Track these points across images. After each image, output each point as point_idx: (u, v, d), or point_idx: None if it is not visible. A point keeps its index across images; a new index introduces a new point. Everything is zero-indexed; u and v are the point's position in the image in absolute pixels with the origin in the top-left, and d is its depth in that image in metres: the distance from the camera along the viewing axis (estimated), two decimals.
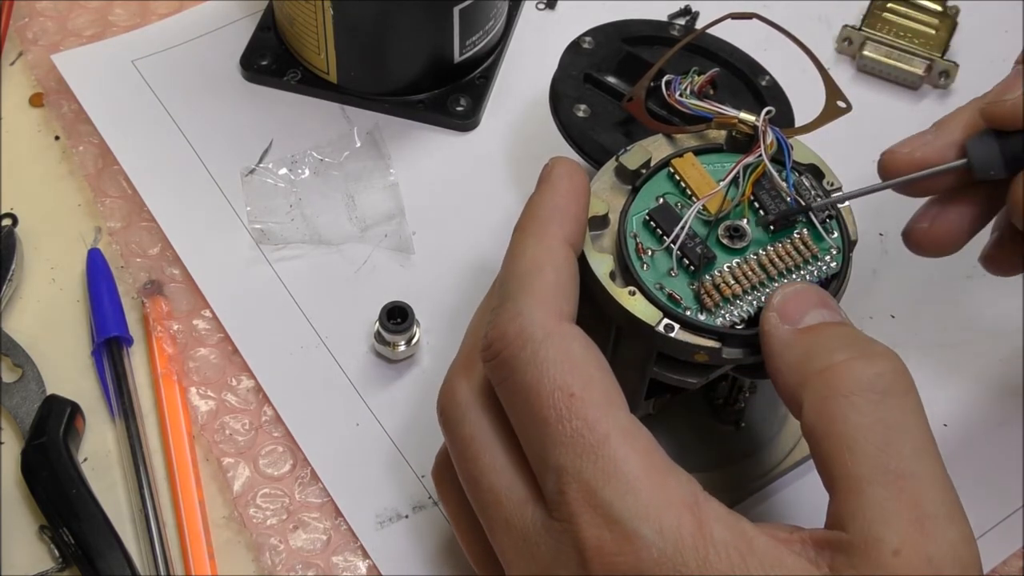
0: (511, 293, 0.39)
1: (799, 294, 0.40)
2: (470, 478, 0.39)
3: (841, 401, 0.36)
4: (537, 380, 0.37)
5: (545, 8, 0.65)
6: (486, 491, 0.39)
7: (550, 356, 0.37)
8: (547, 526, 0.36)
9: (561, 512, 0.36)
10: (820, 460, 0.36)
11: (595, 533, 0.35)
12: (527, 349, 0.37)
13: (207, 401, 0.52)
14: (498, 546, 0.39)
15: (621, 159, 0.44)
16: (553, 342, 0.37)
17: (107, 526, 0.48)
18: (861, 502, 0.35)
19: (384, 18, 0.57)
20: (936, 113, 0.61)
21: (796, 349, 0.39)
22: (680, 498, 0.35)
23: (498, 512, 0.38)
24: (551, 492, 0.36)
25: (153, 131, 0.59)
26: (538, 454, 0.37)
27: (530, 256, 0.40)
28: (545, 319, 0.38)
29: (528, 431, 0.37)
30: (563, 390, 0.36)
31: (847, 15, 0.64)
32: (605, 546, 0.35)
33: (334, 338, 0.54)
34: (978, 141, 0.44)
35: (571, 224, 0.41)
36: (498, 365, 0.38)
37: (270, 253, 0.56)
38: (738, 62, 0.54)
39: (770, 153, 0.44)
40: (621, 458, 0.35)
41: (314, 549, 0.49)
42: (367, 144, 0.58)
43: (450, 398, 0.41)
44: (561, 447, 0.36)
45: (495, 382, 0.39)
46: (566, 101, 0.53)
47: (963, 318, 0.55)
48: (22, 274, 0.55)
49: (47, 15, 0.63)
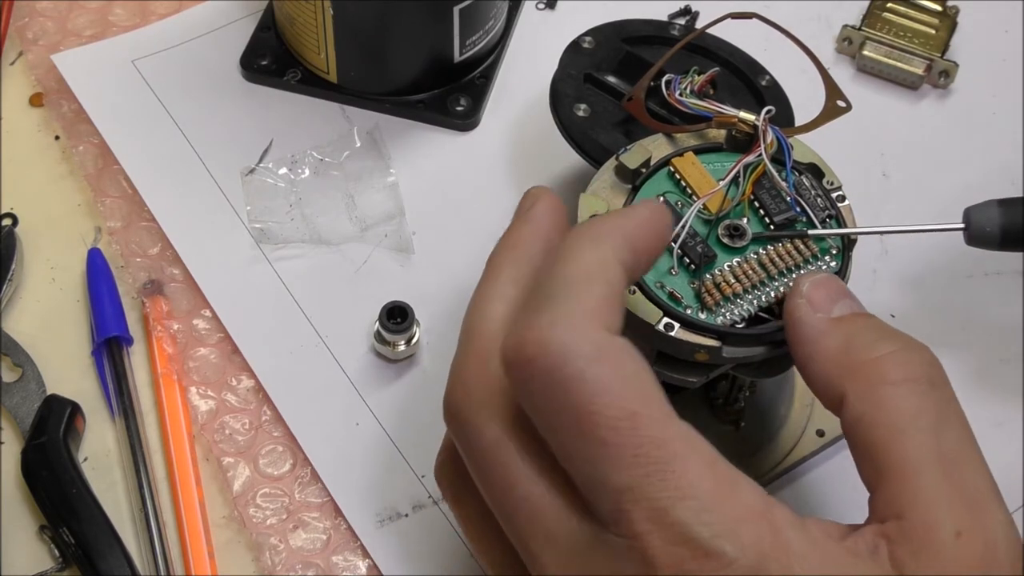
0: (555, 296, 0.36)
1: (827, 283, 0.40)
2: (498, 486, 0.36)
3: (891, 390, 0.36)
4: (589, 400, 0.34)
5: (545, 8, 0.65)
6: (520, 500, 0.36)
7: (603, 374, 0.34)
8: (602, 540, 0.34)
9: (625, 529, 0.33)
10: (868, 449, 0.36)
11: (671, 551, 0.33)
12: (573, 365, 0.34)
13: (207, 401, 0.52)
14: (536, 559, 0.36)
15: (621, 158, 0.44)
16: (606, 358, 0.34)
17: (107, 526, 0.48)
18: (919, 487, 0.34)
19: (384, 18, 0.57)
20: (936, 113, 0.62)
21: (835, 338, 0.38)
22: (754, 508, 0.34)
23: (537, 524, 0.35)
24: (608, 511, 0.34)
25: (153, 131, 0.59)
26: (590, 474, 0.34)
27: (585, 263, 0.36)
28: (595, 332, 0.35)
29: (576, 451, 0.34)
30: (623, 409, 0.34)
31: (847, 15, 0.64)
32: (683, 564, 0.33)
33: (334, 338, 0.54)
34: (980, 208, 0.44)
35: (630, 251, 0.37)
36: (533, 376, 0.35)
37: (270, 253, 0.56)
38: (738, 62, 0.54)
39: (770, 152, 0.44)
40: (692, 474, 0.33)
41: (314, 549, 0.49)
42: (367, 144, 0.58)
43: (465, 397, 0.37)
44: (624, 468, 0.33)
45: (524, 391, 0.35)
46: (566, 101, 0.53)
47: (963, 318, 0.55)
48: (22, 274, 0.55)
49: (47, 15, 0.63)
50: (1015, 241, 0.44)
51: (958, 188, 0.59)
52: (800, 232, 0.43)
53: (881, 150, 0.61)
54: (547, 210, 0.40)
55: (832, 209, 0.44)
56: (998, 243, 0.44)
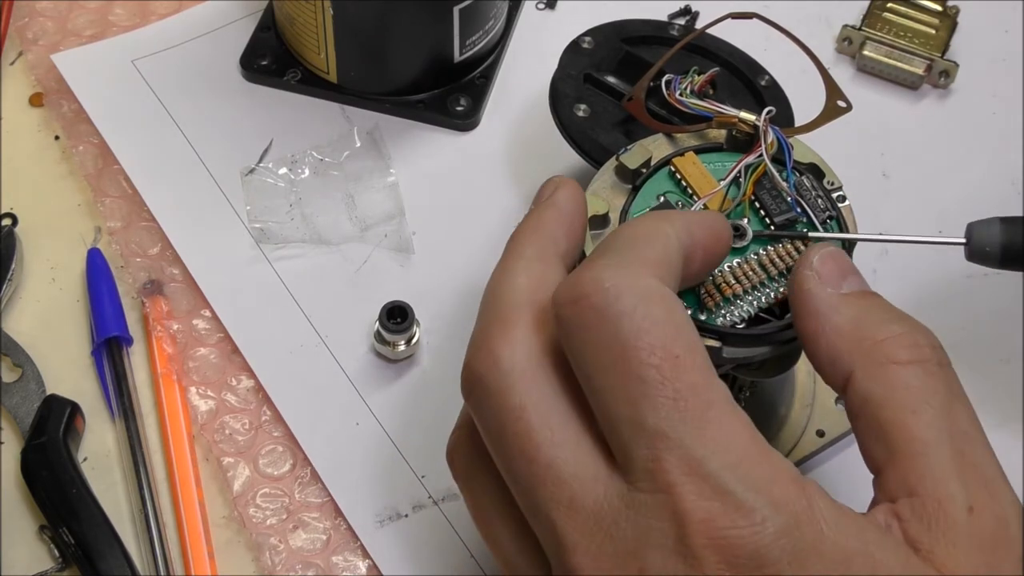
0: (614, 248, 0.36)
1: (837, 256, 0.39)
2: (521, 454, 0.35)
3: (901, 370, 0.36)
4: (635, 335, 0.34)
5: (545, 8, 0.65)
6: (543, 468, 0.35)
7: (653, 313, 0.34)
8: (630, 501, 0.33)
9: (654, 482, 0.33)
10: (877, 428, 0.36)
11: (702, 505, 0.32)
12: (625, 300, 0.34)
13: (207, 401, 0.52)
14: (556, 529, 0.35)
15: (622, 158, 0.44)
16: (657, 301, 0.34)
17: (107, 526, 0.48)
18: (931, 464, 0.34)
19: (384, 18, 0.57)
20: (936, 113, 0.62)
21: (845, 315, 0.37)
22: (787, 473, 0.34)
23: (559, 491, 0.34)
24: (642, 459, 0.33)
25: (153, 131, 0.59)
26: (628, 417, 0.33)
27: (646, 227, 0.37)
28: (648, 278, 0.35)
29: (616, 390, 0.34)
30: (667, 350, 0.33)
31: (847, 15, 0.64)
32: (715, 519, 0.32)
33: (334, 338, 0.54)
34: (982, 225, 0.44)
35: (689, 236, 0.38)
36: (583, 311, 0.34)
37: (270, 252, 0.56)
38: (738, 62, 0.54)
39: (771, 153, 0.44)
40: (728, 429, 0.33)
41: (314, 549, 0.49)
42: (367, 144, 0.58)
43: (492, 365, 0.36)
44: (662, 410, 0.33)
45: (570, 331, 0.35)
46: (566, 101, 0.53)
47: (963, 318, 0.55)
48: (22, 274, 0.55)
49: (47, 15, 0.63)
50: (1015, 260, 0.44)
51: (958, 188, 0.59)
52: (800, 234, 0.43)
53: (881, 150, 0.61)
54: (570, 196, 0.41)
55: (833, 210, 0.44)
56: (998, 261, 0.44)
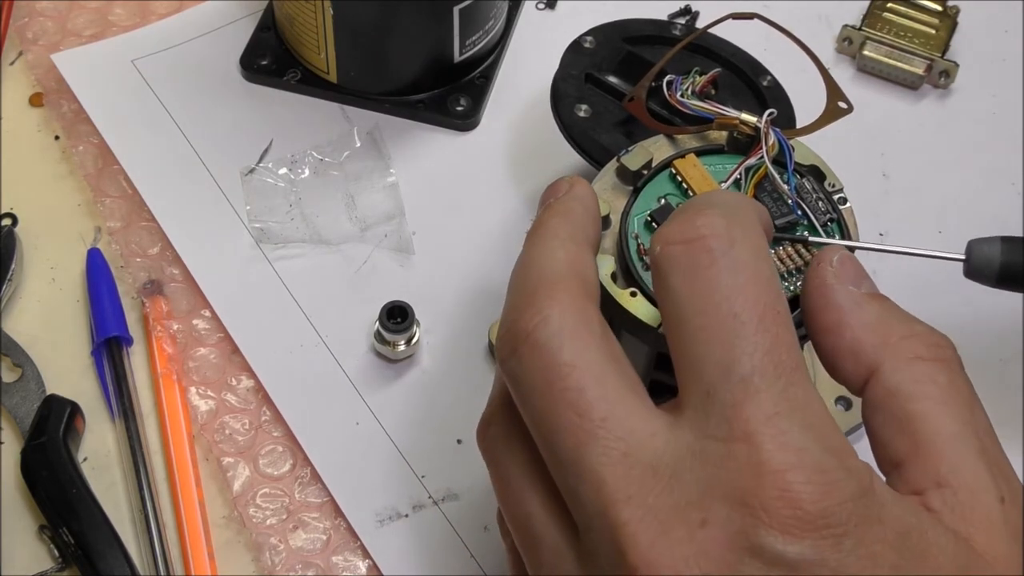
0: (719, 205, 0.37)
1: (853, 260, 0.39)
2: (569, 409, 0.34)
3: (927, 366, 0.36)
4: (751, 282, 0.35)
5: (545, 8, 0.65)
6: (596, 423, 0.34)
7: (765, 270, 0.35)
8: (698, 450, 0.33)
9: (731, 430, 0.33)
10: (904, 421, 0.36)
11: (780, 457, 0.32)
12: (742, 249, 0.35)
13: (207, 401, 0.52)
14: (605, 486, 0.33)
15: (622, 160, 0.44)
16: (770, 260, 0.36)
17: (107, 526, 0.48)
18: (962, 456, 0.35)
19: (384, 18, 0.57)
20: (936, 113, 0.62)
21: (870, 311, 0.38)
22: (852, 447, 0.34)
23: (612, 445, 0.34)
24: (724, 404, 0.33)
25: (153, 131, 0.59)
26: (718, 358, 0.34)
27: (742, 198, 0.39)
28: (763, 237, 0.37)
29: (711, 330, 0.34)
30: (772, 306, 0.34)
31: (847, 15, 0.64)
32: (791, 471, 0.32)
33: (334, 337, 0.54)
34: (982, 243, 0.44)
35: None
36: (695, 251, 0.35)
37: (270, 252, 0.56)
38: (739, 62, 0.54)
39: (772, 155, 0.44)
40: (810, 392, 0.34)
41: (314, 549, 0.49)
42: (367, 144, 0.58)
43: (541, 322, 0.35)
44: (756, 356, 0.33)
45: (674, 268, 0.36)
46: (567, 101, 0.53)
47: (963, 318, 0.55)
48: (22, 274, 0.55)
49: (47, 15, 0.63)
50: (1012, 280, 0.43)
51: (958, 188, 0.59)
52: (801, 237, 0.43)
53: (881, 150, 0.61)
54: (589, 192, 0.41)
55: (834, 212, 0.44)
56: (995, 280, 0.44)
